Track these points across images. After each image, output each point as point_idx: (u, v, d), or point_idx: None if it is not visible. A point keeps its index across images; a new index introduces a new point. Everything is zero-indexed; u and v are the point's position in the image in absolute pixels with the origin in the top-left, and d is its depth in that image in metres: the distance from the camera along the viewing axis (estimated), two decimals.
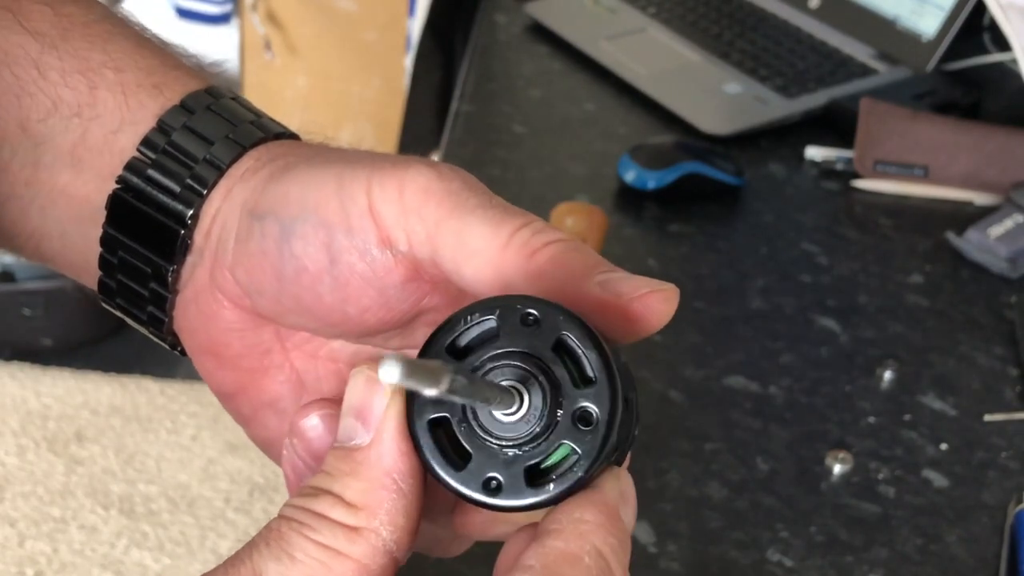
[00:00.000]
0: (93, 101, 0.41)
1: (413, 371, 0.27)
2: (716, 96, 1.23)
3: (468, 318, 0.33)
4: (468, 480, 0.33)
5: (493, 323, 0.33)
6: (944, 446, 0.83)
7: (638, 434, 0.37)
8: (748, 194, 1.10)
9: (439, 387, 0.28)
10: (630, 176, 1.06)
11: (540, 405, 0.33)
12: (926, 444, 0.83)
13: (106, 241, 0.41)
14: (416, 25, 1.74)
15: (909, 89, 1.22)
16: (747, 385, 0.87)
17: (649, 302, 0.34)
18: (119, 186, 0.40)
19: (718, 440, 0.82)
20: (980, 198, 1.10)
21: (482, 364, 0.33)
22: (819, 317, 0.95)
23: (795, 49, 1.29)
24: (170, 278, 0.40)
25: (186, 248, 0.40)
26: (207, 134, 0.40)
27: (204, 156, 0.40)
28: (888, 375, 0.88)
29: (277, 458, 0.42)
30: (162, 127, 0.40)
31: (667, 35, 1.33)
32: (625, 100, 1.23)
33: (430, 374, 0.28)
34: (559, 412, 0.32)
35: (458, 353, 0.34)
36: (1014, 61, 1.17)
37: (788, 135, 1.18)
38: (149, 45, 0.43)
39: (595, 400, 0.32)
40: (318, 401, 0.38)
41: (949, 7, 1.22)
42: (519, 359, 0.33)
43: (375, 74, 2.21)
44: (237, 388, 0.41)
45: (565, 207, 0.98)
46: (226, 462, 1.93)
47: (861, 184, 1.11)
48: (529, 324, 0.33)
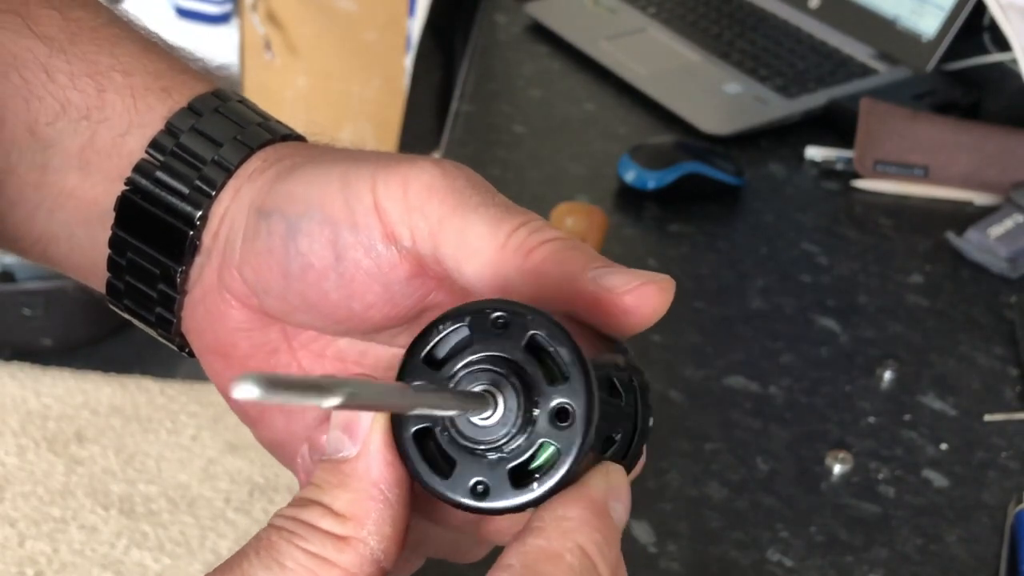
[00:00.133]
0: (102, 104, 0.41)
1: (277, 385, 0.25)
2: (716, 96, 1.23)
3: (440, 327, 0.34)
4: (455, 486, 0.33)
5: (466, 329, 0.33)
6: (944, 446, 0.83)
7: (652, 425, 0.37)
8: (748, 194, 1.10)
9: (331, 400, 0.27)
10: (630, 176, 1.06)
11: (515, 406, 0.33)
12: (926, 444, 0.83)
13: (114, 243, 0.41)
14: (416, 25, 1.74)
15: (909, 89, 1.22)
16: (747, 385, 0.87)
17: (643, 293, 0.34)
18: (127, 188, 0.41)
19: (718, 440, 0.82)
20: (980, 198, 1.10)
21: (456, 372, 0.33)
22: (819, 317, 0.95)
23: (795, 49, 1.29)
24: (178, 279, 0.41)
25: (194, 249, 0.40)
26: (215, 136, 0.40)
27: (212, 158, 0.40)
28: (888, 375, 0.88)
29: (285, 460, 0.42)
30: (170, 129, 0.41)
31: (667, 35, 1.33)
32: (625, 100, 1.23)
33: (311, 386, 0.26)
34: (536, 411, 0.33)
35: (436, 364, 0.34)
36: (1014, 61, 1.17)
37: (788, 135, 1.18)
38: (156, 49, 0.43)
39: (570, 395, 0.32)
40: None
41: (949, 7, 1.22)
42: (491, 363, 0.33)
43: (375, 74, 2.21)
44: None
45: (565, 207, 0.98)
46: (226, 462, 1.93)
47: (861, 184, 1.11)
48: (499, 327, 0.33)
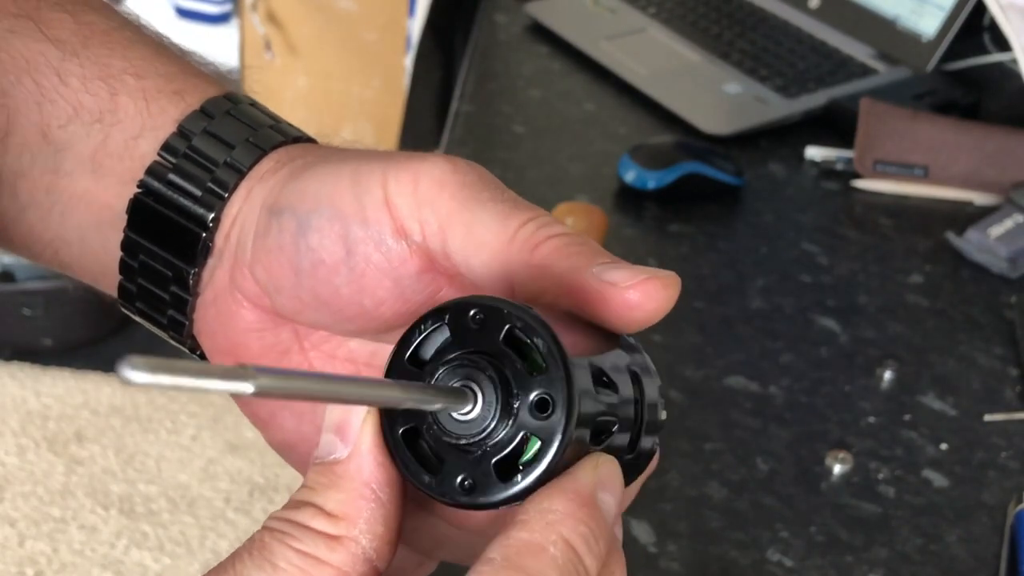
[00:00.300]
0: (114, 107, 0.41)
1: (164, 369, 0.24)
2: (716, 96, 1.23)
3: (422, 327, 0.34)
4: (443, 484, 0.33)
5: (447, 328, 0.33)
6: (944, 446, 0.83)
7: (665, 419, 0.37)
8: (748, 194, 1.10)
9: (244, 387, 0.25)
10: (630, 176, 1.06)
11: (494, 400, 0.33)
12: (926, 444, 0.83)
13: (127, 245, 0.41)
14: (416, 25, 1.74)
15: (909, 89, 1.22)
16: (747, 385, 0.87)
17: (647, 289, 0.34)
18: (140, 191, 0.41)
19: (718, 440, 0.82)
20: (980, 198, 1.10)
21: (437, 370, 0.33)
22: (819, 317, 0.95)
23: (795, 49, 1.29)
24: (191, 281, 0.41)
25: (207, 251, 0.40)
26: (227, 138, 0.41)
27: (225, 160, 0.40)
28: (888, 375, 0.88)
29: (295, 462, 0.42)
30: (183, 132, 0.41)
31: (667, 35, 1.33)
32: (625, 100, 1.23)
33: (220, 373, 0.25)
34: (516, 404, 0.32)
35: (420, 363, 0.34)
36: (1014, 61, 1.17)
37: (788, 135, 1.18)
38: (168, 52, 0.43)
39: (548, 385, 0.32)
40: None
41: (949, 7, 1.22)
42: (469, 358, 0.33)
43: (375, 74, 2.21)
44: None
45: (565, 207, 0.98)
46: (226, 462, 1.93)
47: (861, 184, 1.11)
48: (476, 323, 0.33)
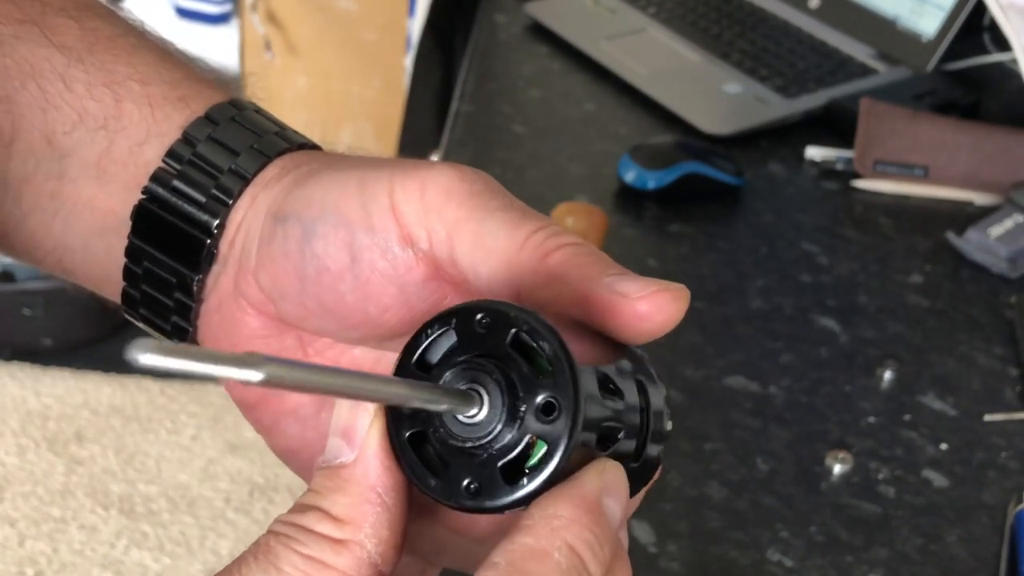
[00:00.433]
0: (119, 113, 0.41)
1: (172, 352, 0.24)
2: (716, 96, 1.23)
3: (428, 332, 0.34)
4: (448, 487, 0.33)
5: (453, 333, 0.33)
6: (944, 446, 0.83)
7: (670, 429, 0.37)
8: (748, 194, 1.10)
9: (252, 375, 0.25)
10: (630, 176, 1.06)
11: (500, 403, 0.33)
12: (926, 444, 0.83)
13: (131, 252, 0.41)
14: (416, 25, 1.74)
15: (909, 89, 1.22)
16: (747, 385, 0.87)
17: (657, 300, 0.34)
18: (144, 197, 0.41)
19: (718, 440, 0.82)
20: (980, 198, 1.10)
21: (444, 373, 0.33)
22: (819, 317, 0.95)
23: (795, 49, 1.29)
24: (195, 288, 0.41)
25: (211, 257, 0.40)
26: (232, 145, 0.41)
27: (229, 166, 0.40)
28: (888, 375, 0.88)
29: (299, 469, 0.42)
30: (187, 138, 0.41)
31: (667, 35, 1.33)
32: (625, 100, 1.23)
33: (228, 360, 0.25)
34: (522, 407, 0.32)
35: (427, 367, 0.34)
36: (1014, 61, 1.17)
37: (788, 135, 1.18)
38: (173, 58, 0.43)
39: (554, 389, 0.32)
40: None
41: (949, 7, 1.22)
42: (476, 361, 0.33)
43: (375, 74, 2.21)
44: (259, 397, 0.41)
45: (565, 207, 0.98)
46: (226, 462, 1.93)
47: (861, 184, 1.11)
48: (483, 327, 0.33)
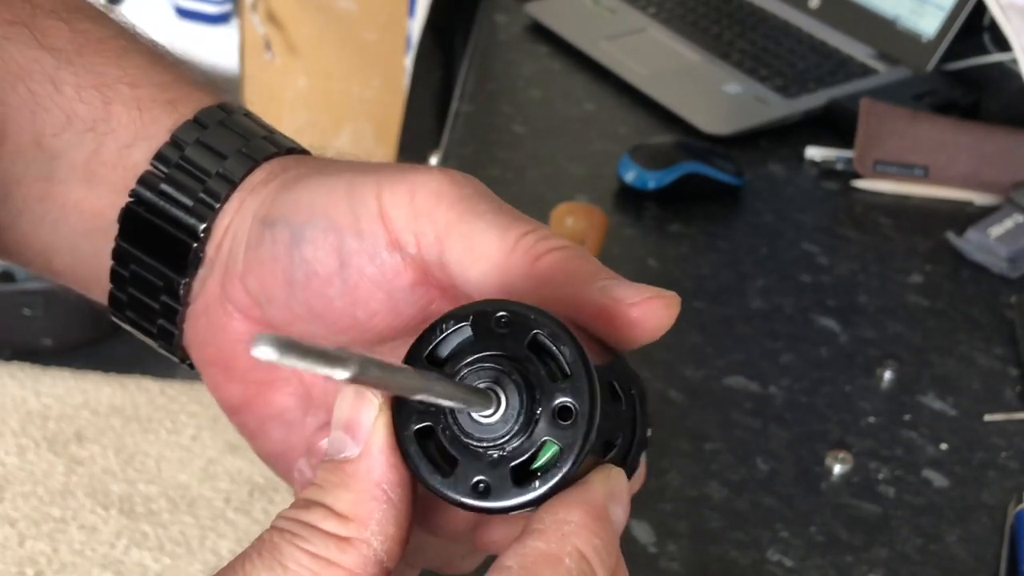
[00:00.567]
0: (108, 116, 0.41)
1: (292, 348, 0.25)
2: (716, 96, 1.23)
3: (443, 326, 0.33)
4: (456, 485, 0.33)
5: (469, 330, 0.33)
6: (944, 446, 0.83)
7: (651, 436, 0.37)
8: (748, 194, 1.10)
9: (344, 369, 0.27)
10: (630, 176, 1.06)
11: (518, 404, 0.32)
12: (926, 444, 0.83)
13: (118, 254, 0.41)
14: (416, 25, 1.74)
15: (909, 89, 1.22)
16: (747, 385, 0.87)
17: (650, 307, 0.34)
18: (132, 200, 0.41)
19: (718, 440, 0.82)
20: (980, 198, 1.10)
21: (458, 370, 0.33)
22: (819, 317, 0.95)
23: (795, 49, 1.29)
24: (181, 291, 0.41)
25: (198, 261, 0.40)
26: (220, 149, 0.41)
27: (217, 170, 0.40)
28: (888, 375, 0.88)
29: (283, 472, 0.42)
30: (176, 142, 0.41)
31: (667, 35, 1.33)
32: (625, 100, 1.23)
33: (321, 355, 0.26)
34: (538, 410, 0.32)
35: (438, 362, 0.34)
36: (1014, 61, 1.17)
37: (788, 135, 1.18)
38: (163, 61, 0.43)
39: (572, 394, 0.32)
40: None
41: (949, 7, 1.22)
42: (494, 361, 0.33)
43: (375, 74, 2.21)
44: (244, 401, 0.41)
45: (565, 207, 0.98)
46: (226, 462, 1.93)
47: (861, 184, 1.11)
48: (502, 326, 0.33)
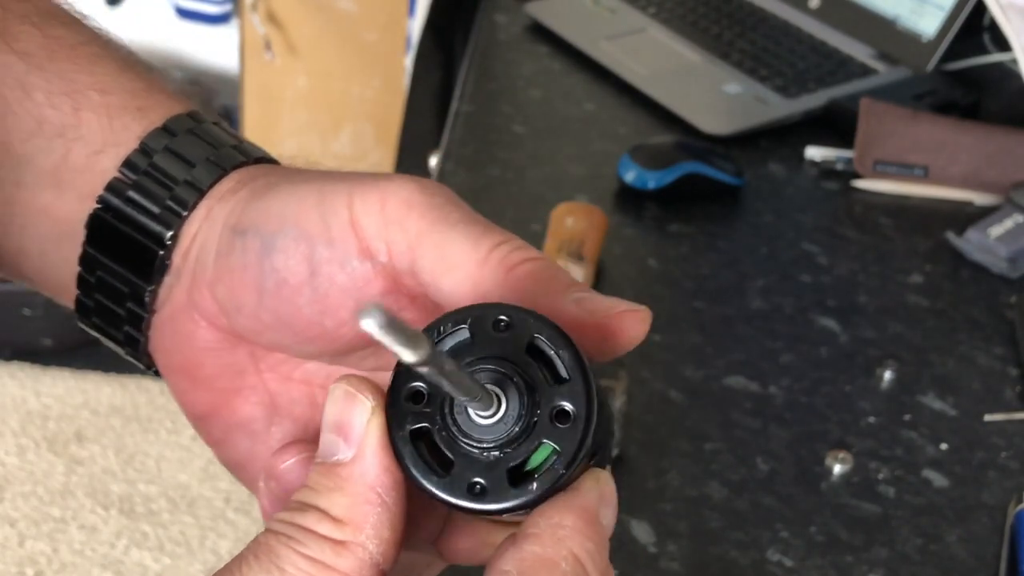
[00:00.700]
0: (77, 122, 0.41)
1: (393, 326, 0.27)
2: (716, 96, 1.23)
3: (442, 328, 0.34)
4: (452, 487, 0.33)
5: (466, 332, 0.33)
6: (944, 446, 0.83)
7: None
8: (748, 194, 1.10)
9: (416, 354, 0.28)
10: (630, 176, 1.06)
11: (517, 406, 0.33)
12: (926, 444, 0.83)
13: (85, 261, 0.41)
14: (416, 25, 1.74)
15: (909, 89, 1.22)
16: (747, 385, 0.87)
17: (623, 321, 0.35)
18: (99, 206, 0.40)
19: (718, 440, 0.82)
20: (980, 198, 1.10)
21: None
22: (819, 317, 0.95)
23: (795, 49, 1.29)
24: (147, 298, 0.40)
25: (164, 268, 0.40)
26: (189, 156, 0.40)
27: (185, 178, 0.40)
28: (888, 375, 0.88)
29: (247, 482, 0.42)
30: (144, 149, 0.41)
31: (667, 35, 1.33)
32: (625, 100, 1.23)
33: (410, 337, 0.27)
34: (537, 412, 0.33)
35: None
36: (1014, 61, 1.17)
37: (788, 135, 1.18)
38: (135, 68, 0.43)
39: (570, 398, 0.33)
40: (295, 443, 0.38)
41: (949, 7, 1.22)
42: (494, 363, 0.33)
43: (375, 74, 2.21)
44: (210, 409, 0.41)
45: (565, 207, 0.98)
46: None
47: (861, 184, 1.11)
48: (501, 330, 0.33)
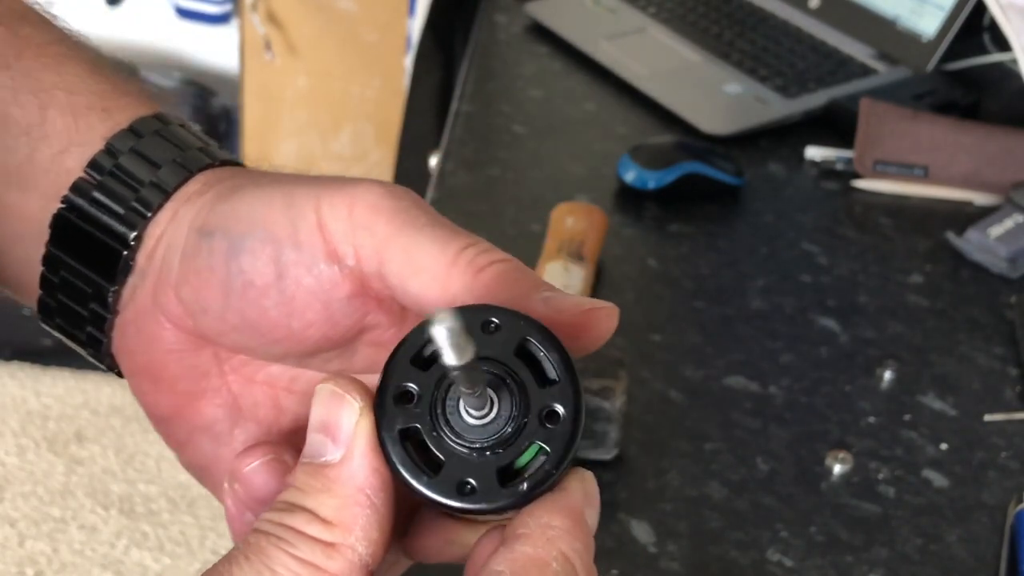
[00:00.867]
0: (42, 121, 0.41)
1: (456, 332, 0.29)
2: (716, 96, 1.23)
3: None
4: (441, 487, 0.33)
5: None
6: (944, 446, 0.83)
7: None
8: (748, 194, 1.10)
9: (463, 359, 0.30)
10: (630, 176, 1.06)
11: (509, 407, 0.33)
12: (926, 444, 0.83)
13: (48, 261, 0.41)
14: (416, 25, 1.74)
15: (909, 89, 1.22)
16: (747, 385, 0.87)
17: (592, 318, 0.35)
18: (63, 206, 0.40)
19: (718, 440, 0.82)
20: (980, 198, 1.10)
21: (440, 370, 0.34)
22: (819, 317, 0.95)
23: (795, 49, 1.29)
24: (110, 299, 0.40)
25: (128, 269, 0.40)
26: (154, 158, 0.40)
27: (150, 179, 0.40)
28: (888, 375, 0.88)
29: (211, 486, 0.42)
30: (110, 150, 0.40)
31: (667, 35, 1.33)
32: (625, 100, 1.23)
33: (464, 344, 0.30)
34: (528, 413, 0.33)
35: (424, 363, 0.34)
36: (1014, 61, 1.17)
37: (788, 135, 1.18)
38: (103, 69, 0.43)
39: (560, 399, 0.33)
40: (260, 445, 0.38)
41: (949, 7, 1.22)
42: (486, 365, 0.34)
43: (375, 74, 2.20)
44: (172, 411, 0.41)
45: (565, 207, 0.98)
46: None
47: (861, 184, 1.11)
48: (491, 331, 0.34)
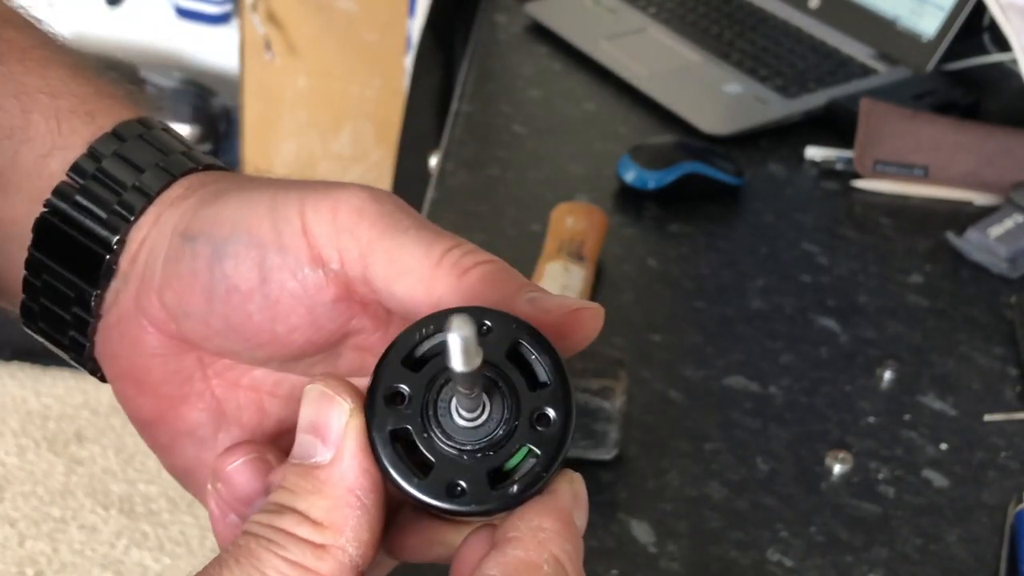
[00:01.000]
0: (25, 125, 0.41)
1: (471, 340, 0.30)
2: (716, 96, 1.23)
3: (424, 331, 0.34)
4: (432, 488, 0.33)
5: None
6: (944, 446, 0.83)
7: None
8: (748, 194, 1.10)
9: (470, 366, 0.30)
10: (630, 176, 1.06)
11: (500, 409, 0.33)
12: (926, 444, 0.83)
13: (31, 264, 0.41)
14: (416, 25, 1.74)
15: (909, 89, 1.22)
16: (747, 385, 0.87)
17: (578, 318, 0.35)
18: (46, 210, 0.40)
19: (718, 440, 0.82)
20: (980, 198, 1.10)
21: (439, 374, 0.34)
22: (819, 317, 0.95)
23: (795, 49, 1.29)
24: (93, 303, 0.40)
25: (111, 273, 0.40)
26: (137, 162, 0.40)
27: (133, 183, 0.40)
28: (888, 375, 0.88)
29: (195, 490, 0.42)
30: (92, 153, 0.40)
31: (667, 35, 1.33)
32: (625, 100, 1.23)
33: (475, 351, 0.30)
34: (519, 415, 0.33)
35: (415, 364, 0.34)
36: (1014, 61, 1.17)
37: (788, 135, 1.18)
38: (86, 73, 0.43)
39: (551, 402, 0.33)
40: (243, 444, 0.38)
41: (949, 7, 1.22)
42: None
43: (375, 74, 2.21)
44: (156, 416, 0.41)
45: (565, 207, 0.98)
46: None
47: (861, 184, 1.11)
48: (483, 333, 0.34)
